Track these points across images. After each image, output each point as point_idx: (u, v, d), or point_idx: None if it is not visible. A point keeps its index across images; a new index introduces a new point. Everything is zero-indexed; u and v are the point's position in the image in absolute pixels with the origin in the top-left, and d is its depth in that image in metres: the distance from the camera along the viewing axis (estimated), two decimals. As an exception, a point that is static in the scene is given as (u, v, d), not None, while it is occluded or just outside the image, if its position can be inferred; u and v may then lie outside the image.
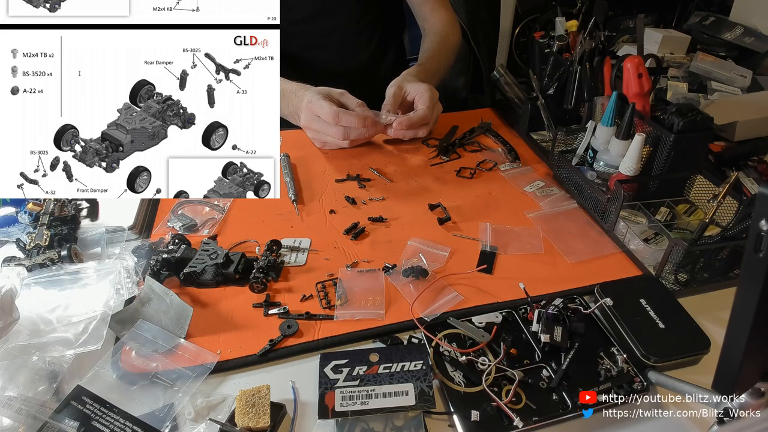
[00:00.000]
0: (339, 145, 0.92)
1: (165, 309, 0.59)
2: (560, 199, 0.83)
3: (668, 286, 0.65)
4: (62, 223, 0.68)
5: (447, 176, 0.89)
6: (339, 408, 0.49)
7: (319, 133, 0.91)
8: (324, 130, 0.89)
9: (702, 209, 0.75)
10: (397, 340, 0.59)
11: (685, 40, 1.27)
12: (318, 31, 1.09)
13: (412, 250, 0.71)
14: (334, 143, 0.92)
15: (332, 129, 0.87)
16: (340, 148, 0.94)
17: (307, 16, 1.06)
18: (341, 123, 0.86)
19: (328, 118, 0.86)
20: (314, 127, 0.90)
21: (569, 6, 1.12)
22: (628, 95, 0.79)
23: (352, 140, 0.90)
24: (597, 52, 0.91)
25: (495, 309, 0.61)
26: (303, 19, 1.06)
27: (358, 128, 0.87)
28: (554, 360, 0.55)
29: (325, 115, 0.86)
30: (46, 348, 0.53)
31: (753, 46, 1.27)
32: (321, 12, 1.07)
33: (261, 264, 0.65)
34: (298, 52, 1.09)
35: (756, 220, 0.33)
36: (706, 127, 0.73)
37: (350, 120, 0.85)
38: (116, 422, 0.48)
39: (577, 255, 0.71)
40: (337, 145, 0.92)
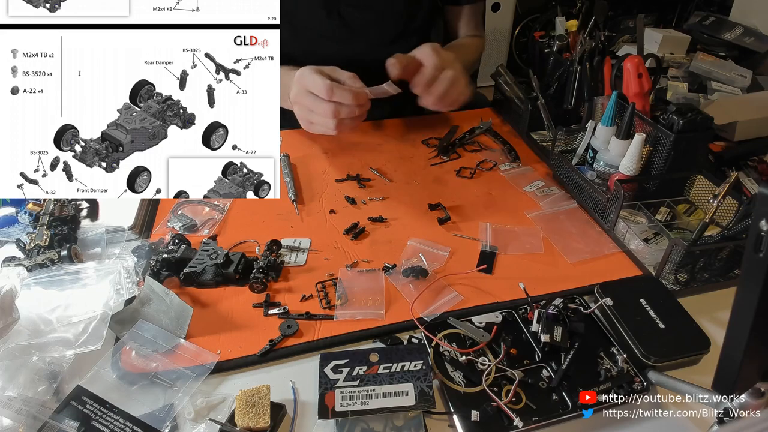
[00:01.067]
0: (325, 127, 0.85)
1: (165, 309, 0.59)
2: (560, 198, 0.83)
3: (668, 286, 0.65)
4: (62, 223, 0.68)
5: (447, 176, 0.89)
6: (339, 408, 0.49)
7: (308, 110, 0.84)
8: (314, 106, 0.83)
9: (702, 209, 0.76)
10: (397, 340, 0.59)
11: (685, 40, 1.27)
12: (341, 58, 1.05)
13: (412, 250, 0.71)
14: (321, 123, 0.85)
15: (323, 105, 0.81)
16: (325, 134, 0.88)
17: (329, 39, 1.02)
18: (334, 98, 0.80)
19: (321, 92, 0.80)
20: (304, 103, 0.84)
21: (569, 6, 1.12)
22: (628, 95, 0.79)
23: (341, 120, 0.83)
24: (597, 52, 0.91)
25: (495, 309, 0.61)
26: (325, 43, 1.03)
27: (351, 105, 0.81)
28: (554, 360, 0.55)
29: (318, 89, 0.80)
30: (46, 348, 0.53)
31: (753, 46, 1.27)
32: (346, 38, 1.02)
33: (261, 264, 0.65)
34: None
35: (756, 220, 0.33)
36: (706, 127, 0.73)
37: (344, 95, 0.80)
38: (116, 422, 0.48)
39: (577, 255, 0.71)
40: (324, 126, 0.85)
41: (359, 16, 0.99)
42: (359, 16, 0.99)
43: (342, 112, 0.81)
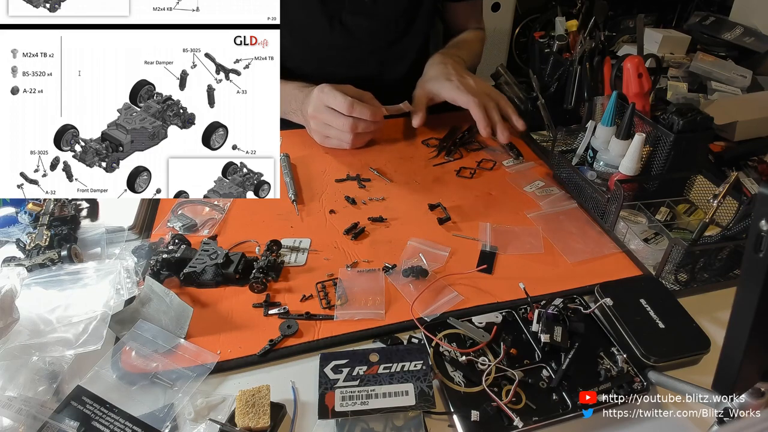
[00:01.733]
0: (341, 141, 0.90)
1: (165, 309, 0.59)
2: (560, 198, 0.83)
3: (668, 286, 0.65)
4: (62, 223, 0.68)
5: (447, 176, 0.89)
6: (339, 408, 0.49)
7: (326, 125, 0.88)
8: (332, 121, 0.87)
9: (702, 209, 0.76)
10: (397, 340, 0.59)
11: (685, 40, 1.28)
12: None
13: (412, 250, 0.71)
14: (336, 138, 0.90)
15: (341, 119, 0.85)
16: (340, 148, 0.93)
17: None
18: (354, 113, 0.84)
19: (342, 108, 0.84)
20: (322, 117, 0.87)
21: (569, 6, 1.12)
22: (628, 95, 0.79)
23: (357, 134, 0.88)
24: (597, 52, 0.91)
25: (495, 309, 0.61)
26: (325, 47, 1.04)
27: (368, 121, 0.85)
28: (554, 360, 0.55)
29: (338, 105, 0.84)
30: (46, 348, 0.53)
31: (753, 46, 1.27)
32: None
33: (261, 264, 0.65)
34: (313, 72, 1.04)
35: (756, 220, 0.33)
36: (706, 127, 0.73)
37: (363, 111, 0.84)
38: (116, 422, 0.48)
39: (577, 255, 0.71)
40: (339, 140, 0.90)
41: (361, 23, 1.00)
42: (361, 23, 1.00)
43: (359, 127, 0.87)
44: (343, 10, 0.98)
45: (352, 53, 1.03)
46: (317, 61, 1.02)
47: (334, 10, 0.97)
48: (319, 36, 1.00)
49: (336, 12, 0.98)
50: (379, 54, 1.05)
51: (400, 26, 1.05)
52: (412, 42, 1.08)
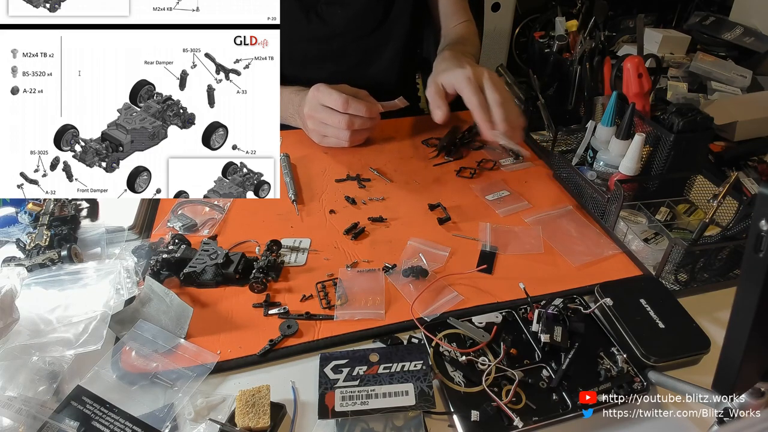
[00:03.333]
0: (338, 139, 0.90)
1: (165, 309, 0.59)
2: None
3: (668, 286, 0.65)
4: (62, 223, 0.68)
5: (447, 176, 0.89)
6: (339, 408, 0.49)
7: (323, 123, 0.88)
8: (329, 119, 0.87)
9: (702, 209, 0.76)
10: (397, 340, 0.59)
11: (685, 40, 1.28)
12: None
13: (412, 250, 0.71)
14: (334, 136, 0.90)
15: (338, 117, 0.85)
16: (338, 147, 0.92)
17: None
18: (349, 110, 0.84)
19: (337, 105, 0.84)
20: (318, 116, 0.87)
21: (569, 6, 1.12)
22: (628, 95, 0.79)
23: (354, 132, 0.88)
24: (597, 52, 0.91)
25: (495, 309, 0.61)
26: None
27: (364, 117, 0.85)
28: (554, 360, 0.55)
29: (333, 103, 0.84)
30: (46, 348, 0.53)
31: (753, 46, 1.27)
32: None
33: (261, 264, 0.65)
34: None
35: (756, 220, 0.33)
36: (706, 127, 0.73)
37: (358, 108, 0.84)
38: (116, 422, 0.48)
39: (578, 258, 0.71)
40: (337, 138, 0.90)
41: (337, 12, 0.99)
42: (337, 12, 0.99)
43: (356, 124, 0.86)
44: (318, 2, 0.98)
45: (333, 45, 1.02)
46: (301, 58, 1.02)
47: (309, 4, 0.97)
48: (298, 31, 0.99)
49: (311, 4, 0.98)
50: (360, 42, 1.04)
51: (378, 13, 1.03)
52: (394, 27, 1.06)
